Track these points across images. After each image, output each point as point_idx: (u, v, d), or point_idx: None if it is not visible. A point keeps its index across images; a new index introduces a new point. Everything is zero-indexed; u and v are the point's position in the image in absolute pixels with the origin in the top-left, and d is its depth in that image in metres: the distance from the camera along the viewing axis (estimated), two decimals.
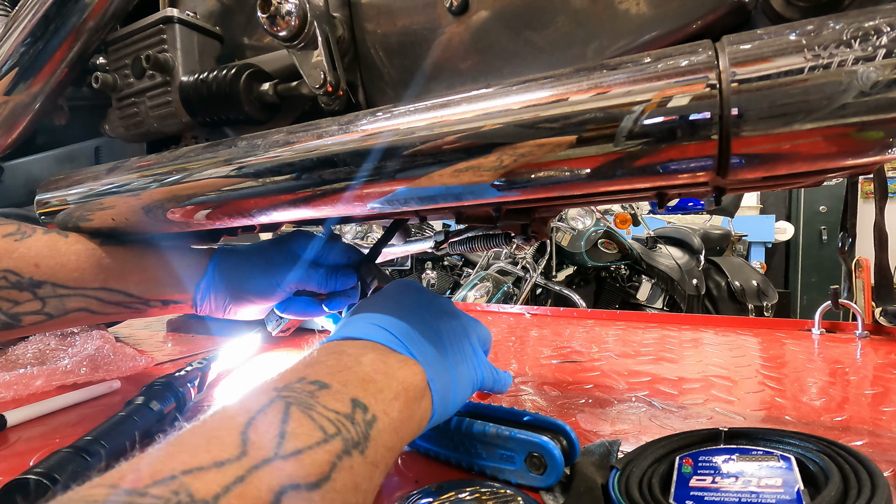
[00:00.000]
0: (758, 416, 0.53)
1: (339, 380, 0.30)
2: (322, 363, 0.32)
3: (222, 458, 0.22)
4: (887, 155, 0.25)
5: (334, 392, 0.29)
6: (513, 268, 2.68)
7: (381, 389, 0.31)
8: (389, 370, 0.32)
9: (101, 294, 0.49)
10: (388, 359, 0.33)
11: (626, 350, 0.83)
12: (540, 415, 0.42)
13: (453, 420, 0.42)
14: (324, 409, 0.27)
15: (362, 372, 0.31)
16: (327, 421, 0.27)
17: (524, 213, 0.51)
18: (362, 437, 0.27)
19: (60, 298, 0.47)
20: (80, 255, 0.48)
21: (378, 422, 0.29)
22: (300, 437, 0.25)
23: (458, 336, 0.40)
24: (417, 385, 0.33)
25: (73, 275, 0.48)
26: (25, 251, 0.46)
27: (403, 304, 0.40)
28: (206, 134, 0.53)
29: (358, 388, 0.30)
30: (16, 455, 0.48)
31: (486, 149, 0.31)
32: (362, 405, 0.29)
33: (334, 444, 0.26)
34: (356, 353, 0.33)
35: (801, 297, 4.78)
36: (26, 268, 0.46)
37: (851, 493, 0.31)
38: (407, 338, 0.36)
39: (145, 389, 0.52)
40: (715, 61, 0.26)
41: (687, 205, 4.01)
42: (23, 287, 0.46)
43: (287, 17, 0.38)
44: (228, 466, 0.22)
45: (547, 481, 0.38)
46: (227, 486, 0.21)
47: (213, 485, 0.21)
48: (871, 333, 0.88)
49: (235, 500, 0.21)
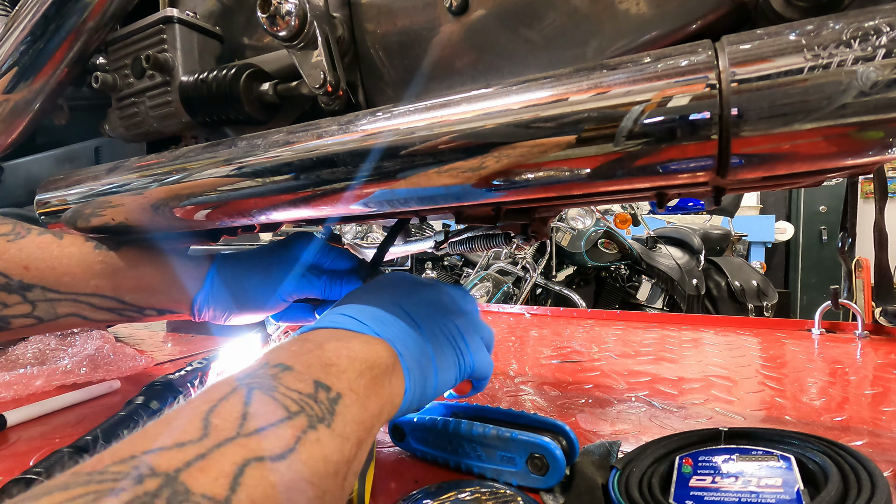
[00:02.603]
0: (758, 416, 0.53)
1: (301, 362, 0.30)
2: (285, 349, 0.32)
3: (183, 440, 0.22)
4: (887, 155, 0.25)
5: (297, 374, 0.29)
6: (513, 268, 2.68)
7: (343, 370, 0.31)
8: (351, 353, 0.33)
9: (93, 300, 0.48)
10: (351, 342, 0.34)
11: (626, 350, 0.83)
12: (539, 415, 0.41)
13: (452, 423, 0.42)
14: (286, 390, 0.27)
15: (325, 357, 0.31)
16: (290, 400, 0.27)
17: (524, 213, 0.51)
18: (327, 412, 0.27)
19: (51, 303, 0.46)
20: (72, 259, 0.47)
21: (344, 398, 0.29)
22: (263, 417, 0.25)
23: (438, 317, 0.40)
24: (383, 362, 0.33)
25: (64, 279, 0.46)
26: (17, 252, 0.45)
27: (380, 293, 0.40)
28: (206, 134, 0.53)
29: (320, 371, 0.30)
30: (16, 455, 0.48)
31: (485, 148, 0.31)
32: (325, 385, 0.29)
33: (298, 420, 0.26)
34: (319, 340, 0.33)
35: (801, 297, 4.78)
36: (16, 270, 0.45)
37: (851, 493, 0.31)
38: (373, 320, 0.36)
39: (145, 389, 0.52)
40: (715, 61, 0.26)
41: (687, 205, 4.00)
42: (11, 289, 0.45)
43: (287, 17, 0.38)
44: (190, 446, 0.22)
45: (549, 482, 0.38)
46: (189, 461, 0.21)
47: (175, 461, 0.21)
48: (871, 333, 0.88)
49: (197, 473, 0.21)
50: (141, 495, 0.19)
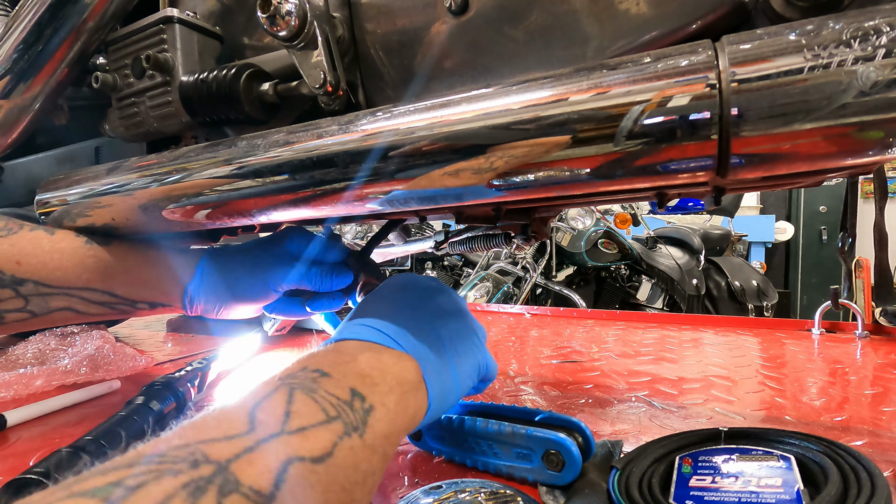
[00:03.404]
0: (758, 416, 0.53)
1: (338, 371, 0.31)
2: (322, 356, 0.33)
3: (232, 433, 0.24)
4: (887, 155, 0.25)
5: (334, 381, 0.30)
6: (513, 268, 2.68)
7: (376, 383, 0.32)
8: (384, 366, 0.34)
9: (85, 294, 0.48)
10: (383, 356, 0.35)
11: (626, 350, 0.83)
12: (554, 412, 0.42)
13: (468, 420, 0.42)
14: (325, 394, 0.29)
15: (358, 367, 0.33)
16: (329, 405, 0.28)
17: (524, 213, 0.51)
18: (361, 422, 0.29)
19: (43, 297, 0.47)
20: (63, 253, 0.48)
21: (375, 411, 0.30)
22: (305, 416, 0.26)
23: (457, 330, 0.41)
24: (412, 380, 0.35)
25: (56, 273, 0.47)
26: (8, 248, 0.46)
27: (399, 303, 0.40)
28: (206, 134, 0.53)
29: (356, 380, 0.31)
30: (16, 455, 0.48)
31: (485, 148, 0.31)
32: (360, 395, 0.30)
33: (336, 425, 0.27)
34: (353, 352, 0.34)
35: (801, 297, 4.78)
36: (7, 264, 0.46)
37: (851, 493, 0.31)
38: (401, 337, 0.36)
39: (145, 389, 0.52)
40: (715, 61, 0.26)
41: (687, 205, 4.00)
42: (4, 284, 0.45)
43: (287, 17, 0.38)
44: (238, 439, 0.23)
45: (564, 478, 0.38)
46: (238, 453, 0.23)
47: (226, 451, 0.22)
48: (871, 333, 0.88)
49: (246, 465, 0.22)
50: (196, 479, 0.21)
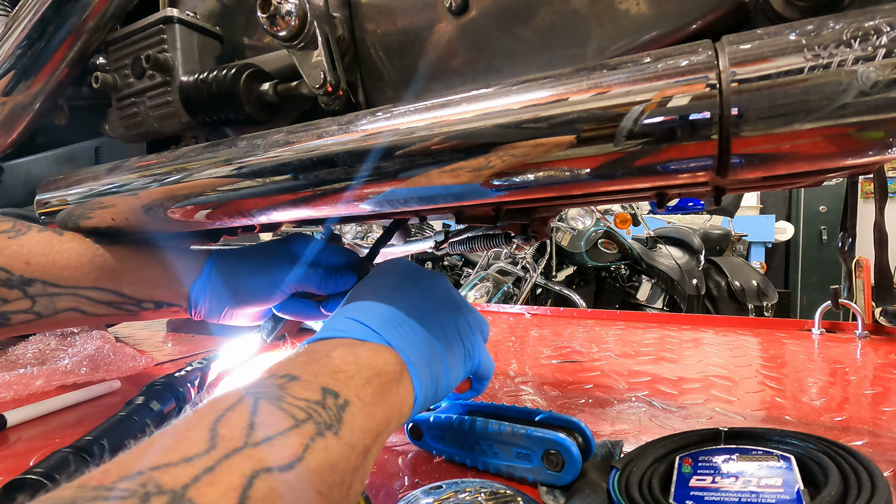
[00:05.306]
0: (758, 416, 0.53)
1: (308, 371, 0.30)
2: (292, 360, 0.32)
3: (191, 453, 0.22)
4: (887, 155, 0.25)
5: (304, 383, 0.29)
6: (513, 268, 2.68)
7: (350, 377, 0.31)
8: (359, 359, 0.33)
9: (92, 294, 0.48)
10: (358, 349, 0.34)
11: (626, 350, 0.83)
12: (554, 412, 0.42)
13: (468, 421, 0.42)
14: (293, 399, 0.27)
15: (332, 365, 0.32)
16: (297, 409, 0.27)
17: (524, 213, 0.51)
18: (335, 419, 0.28)
19: (51, 297, 0.47)
20: (72, 252, 0.48)
21: (350, 405, 0.29)
22: (270, 426, 0.25)
23: (444, 311, 0.40)
24: (391, 370, 0.34)
25: (65, 273, 0.47)
26: (18, 248, 0.46)
27: (385, 290, 0.40)
28: (206, 134, 0.53)
29: (327, 378, 0.30)
30: (16, 455, 0.48)
31: (485, 148, 0.31)
32: (332, 392, 0.29)
33: (306, 427, 0.26)
34: (326, 350, 0.33)
35: (801, 297, 4.77)
36: (17, 265, 0.45)
37: (851, 493, 0.31)
38: (382, 325, 0.36)
39: (145, 389, 0.52)
40: (715, 61, 0.26)
41: (687, 205, 4.00)
42: (12, 285, 0.45)
43: (287, 17, 0.38)
44: (197, 460, 0.22)
45: (564, 478, 0.38)
46: (197, 476, 0.21)
47: (182, 477, 0.21)
48: (871, 333, 0.88)
49: (205, 488, 0.21)
50: None
